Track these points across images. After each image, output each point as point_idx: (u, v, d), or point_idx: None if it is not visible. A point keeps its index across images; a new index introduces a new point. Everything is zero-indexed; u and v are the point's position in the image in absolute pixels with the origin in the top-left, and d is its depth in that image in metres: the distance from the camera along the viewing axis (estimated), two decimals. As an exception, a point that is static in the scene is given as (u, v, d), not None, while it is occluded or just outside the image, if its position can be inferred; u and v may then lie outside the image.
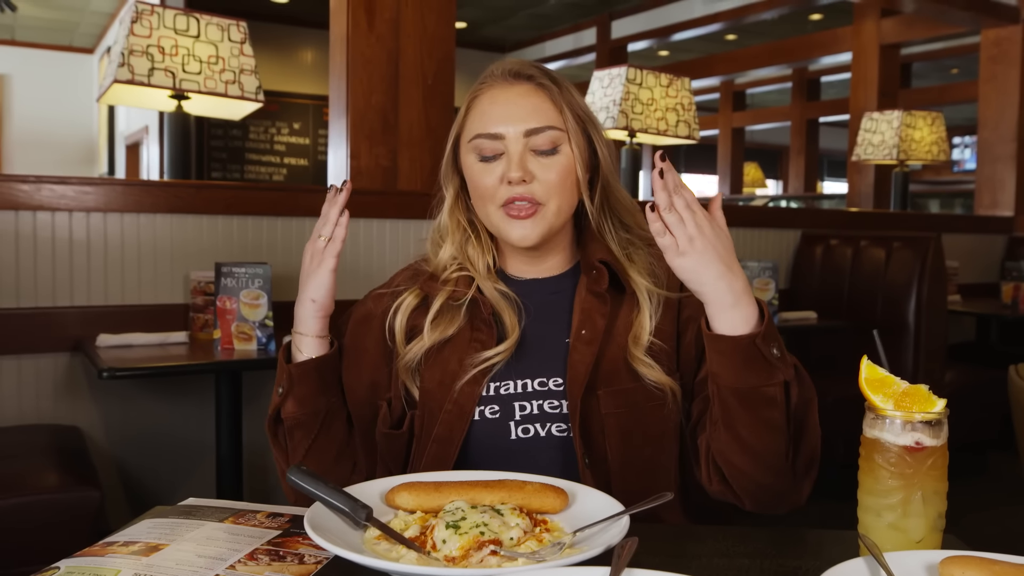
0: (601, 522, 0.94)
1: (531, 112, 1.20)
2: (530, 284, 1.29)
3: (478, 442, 1.20)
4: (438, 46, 3.24)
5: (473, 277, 1.26)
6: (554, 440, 1.19)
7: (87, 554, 0.93)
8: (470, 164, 1.23)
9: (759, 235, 4.10)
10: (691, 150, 14.10)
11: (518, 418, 1.20)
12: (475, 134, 1.21)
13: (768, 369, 1.04)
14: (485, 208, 1.23)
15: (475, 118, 1.22)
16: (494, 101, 1.21)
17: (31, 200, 2.46)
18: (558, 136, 1.20)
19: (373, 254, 2.98)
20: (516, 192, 1.18)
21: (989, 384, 3.98)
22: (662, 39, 8.26)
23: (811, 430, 1.11)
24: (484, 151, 1.20)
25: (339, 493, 0.94)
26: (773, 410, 1.05)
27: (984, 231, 5.16)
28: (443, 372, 1.23)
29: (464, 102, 1.26)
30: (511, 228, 1.20)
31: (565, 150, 1.20)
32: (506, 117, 1.19)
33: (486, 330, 1.23)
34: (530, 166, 1.19)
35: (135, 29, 2.64)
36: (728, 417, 1.08)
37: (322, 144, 8.88)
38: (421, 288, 1.28)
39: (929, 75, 10.71)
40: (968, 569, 0.83)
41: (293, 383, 1.20)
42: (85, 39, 9.70)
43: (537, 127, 1.19)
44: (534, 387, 1.21)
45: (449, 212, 1.30)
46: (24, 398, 2.50)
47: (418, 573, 0.83)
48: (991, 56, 5.44)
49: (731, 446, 1.10)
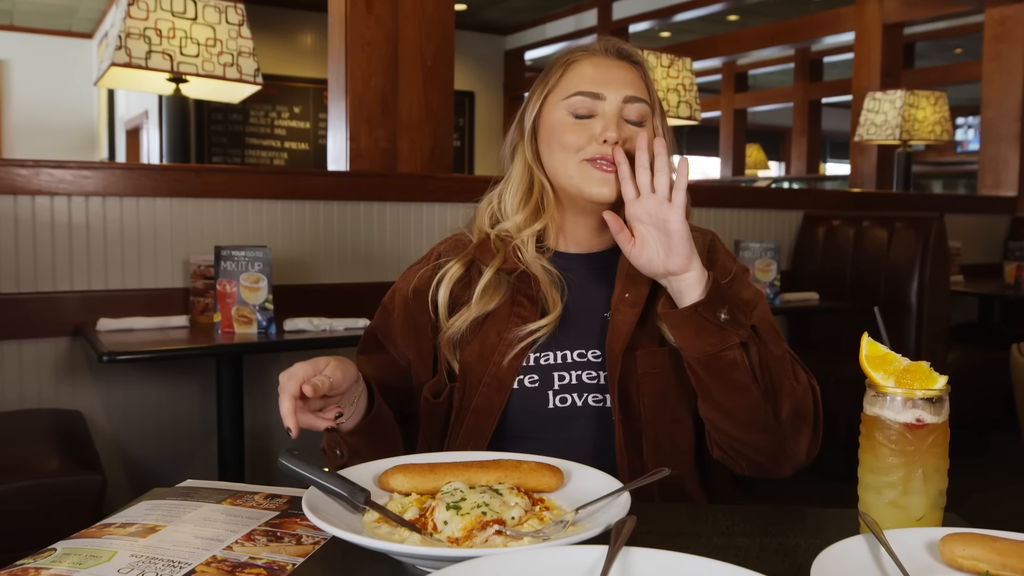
0: (602, 499, 0.93)
1: (629, 83, 1.27)
2: (575, 259, 1.33)
3: (516, 410, 1.23)
4: (437, 28, 3.22)
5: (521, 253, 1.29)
6: (590, 410, 1.23)
7: (84, 536, 0.92)
8: (559, 119, 1.27)
9: (761, 216, 4.08)
10: (693, 132, 14.05)
11: (556, 388, 1.23)
12: (575, 91, 1.25)
13: (720, 334, 1.11)
14: (566, 162, 1.25)
15: (574, 78, 1.27)
16: (598, 66, 1.27)
17: (30, 184, 2.45)
18: (647, 111, 1.27)
19: (373, 237, 2.97)
20: (605, 151, 1.22)
21: (992, 364, 3.97)
22: (663, 20, 8.20)
23: (786, 384, 1.15)
24: (579, 109, 1.25)
25: (335, 477, 0.94)
26: (736, 372, 1.11)
27: (987, 211, 5.14)
28: (483, 345, 1.26)
29: (555, 68, 1.30)
30: (592, 181, 1.23)
31: (648, 125, 1.27)
32: (607, 82, 1.26)
33: (529, 305, 1.26)
34: (623, 130, 1.24)
35: (132, 12, 2.62)
36: (700, 385, 1.16)
37: (323, 128, 8.84)
38: (472, 254, 1.31)
39: (932, 55, 10.64)
40: (969, 546, 0.82)
41: (350, 447, 1.21)
42: (84, 24, 9.66)
43: (635, 95, 1.26)
44: (573, 358, 1.25)
45: (526, 171, 1.32)
46: (25, 383, 2.50)
47: (423, 554, 0.82)
48: (995, 35, 5.39)
49: (711, 412, 1.17)
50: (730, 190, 4.65)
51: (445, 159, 3.25)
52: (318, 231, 2.87)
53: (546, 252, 1.31)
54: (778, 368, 1.15)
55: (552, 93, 1.29)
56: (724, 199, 4.01)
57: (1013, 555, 0.81)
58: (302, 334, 2.43)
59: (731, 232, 3.95)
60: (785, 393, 1.15)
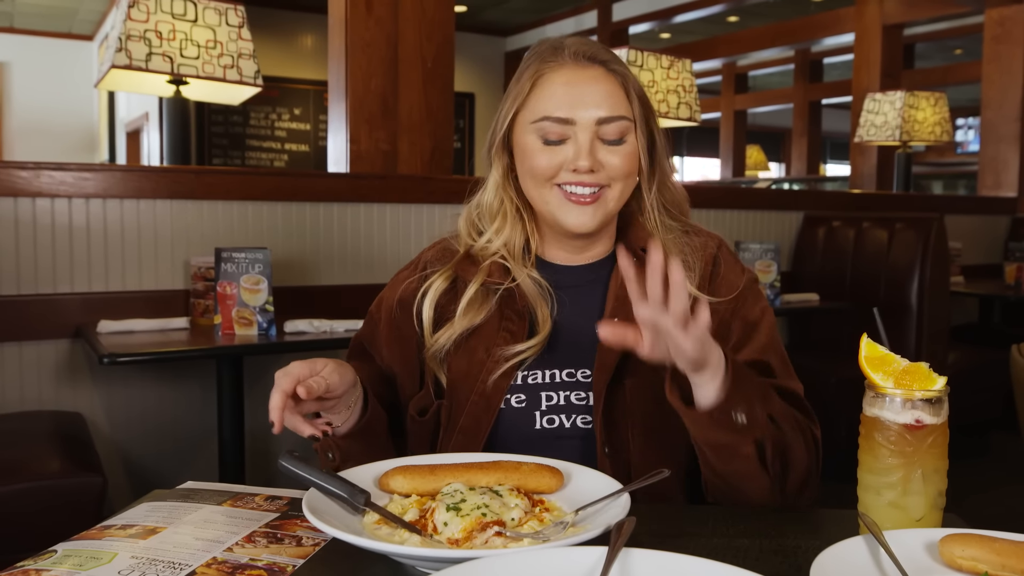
0: (602, 500, 0.93)
1: (603, 99, 1.15)
2: (566, 270, 1.26)
3: (503, 430, 1.19)
4: (437, 29, 3.22)
5: (508, 264, 1.22)
6: (578, 431, 1.18)
7: (84, 537, 0.93)
8: (529, 144, 1.18)
9: (761, 217, 4.09)
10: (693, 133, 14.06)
11: (544, 408, 1.18)
12: (542, 116, 1.16)
13: (735, 435, 1.01)
14: (540, 190, 1.18)
15: (542, 98, 1.17)
16: (566, 83, 1.16)
17: (30, 187, 2.45)
18: (626, 127, 1.17)
19: (373, 239, 2.97)
20: (580, 179, 1.15)
21: (992, 365, 3.97)
22: (663, 21, 8.21)
23: (798, 461, 1.08)
24: (549, 134, 1.16)
25: (334, 479, 0.94)
26: (747, 463, 1.04)
27: (987, 212, 5.14)
28: (470, 362, 1.21)
29: (525, 78, 1.19)
30: (569, 213, 1.17)
31: (631, 140, 1.18)
32: (578, 103, 1.15)
33: (517, 321, 1.21)
34: (598, 154, 1.15)
35: (132, 14, 2.63)
36: (704, 459, 1.07)
37: (323, 130, 8.84)
38: (455, 270, 1.25)
39: (932, 56, 10.65)
40: (968, 547, 0.82)
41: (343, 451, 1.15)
42: (84, 26, 9.67)
43: (609, 116, 1.15)
44: (562, 378, 1.20)
45: (496, 190, 1.25)
46: (26, 384, 2.50)
47: (423, 555, 0.82)
48: (995, 36, 5.40)
49: (713, 478, 1.09)
50: (730, 191, 4.65)
51: (445, 161, 3.25)
52: (318, 233, 2.87)
53: (531, 258, 1.25)
54: (794, 449, 1.07)
55: (521, 112, 1.19)
56: (724, 200, 4.01)
57: (1012, 556, 0.81)
58: (302, 336, 2.43)
59: (731, 233, 3.95)
60: (793, 467, 1.08)
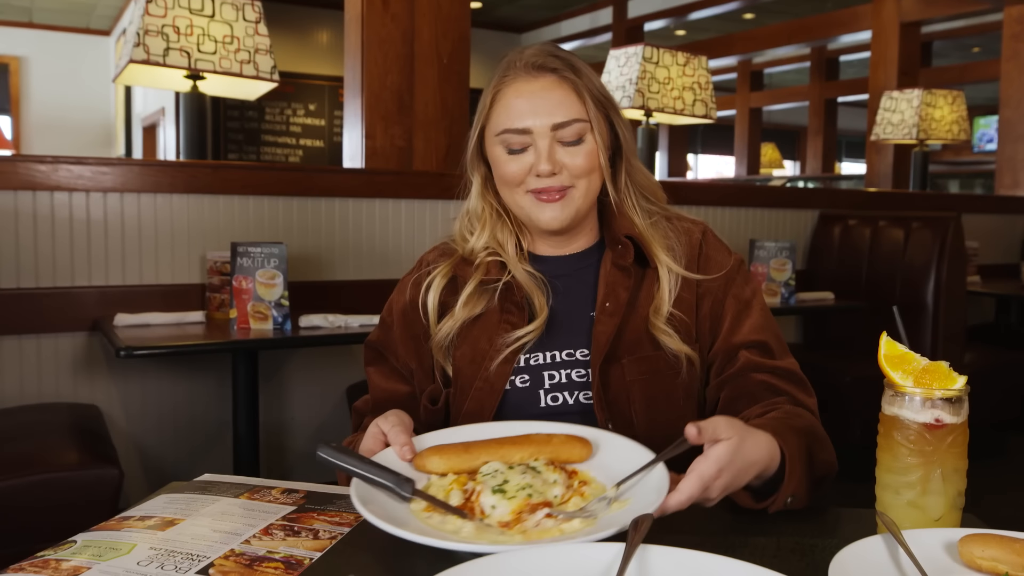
0: (639, 472, 0.94)
1: (556, 106, 1.22)
2: (557, 260, 1.33)
3: (509, 410, 1.25)
4: (453, 26, 3.22)
5: (504, 261, 1.30)
6: (581, 407, 1.24)
7: (103, 528, 0.93)
8: (497, 155, 1.26)
9: (777, 215, 4.07)
10: (708, 130, 14.00)
11: (547, 387, 1.25)
12: (502, 129, 1.24)
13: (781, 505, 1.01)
14: (513, 195, 1.27)
15: (500, 113, 1.25)
16: (519, 95, 1.23)
17: (48, 180, 2.47)
18: (582, 127, 1.23)
19: (389, 234, 2.98)
20: (545, 183, 1.23)
21: (1009, 365, 3.95)
22: (679, 18, 8.18)
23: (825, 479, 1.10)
24: (512, 144, 1.24)
25: (378, 467, 0.94)
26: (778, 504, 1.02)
27: (1005, 211, 5.10)
28: (474, 350, 1.27)
29: (487, 93, 1.27)
30: (541, 211, 1.25)
31: (589, 139, 1.24)
32: (532, 112, 1.22)
33: (517, 312, 1.27)
34: (558, 156, 1.23)
35: (150, 9, 2.64)
36: None
37: (338, 125, 8.86)
38: (453, 269, 1.32)
39: (950, 54, 10.57)
40: (988, 547, 0.82)
41: None
42: (102, 21, 9.71)
43: (563, 121, 1.22)
44: (562, 357, 1.26)
45: (478, 197, 1.34)
46: (43, 377, 2.52)
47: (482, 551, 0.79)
48: (1014, 34, 5.36)
49: None
50: (745, 189, 4.63)
51: (461, 157, 3.25)
52: (333, 228, 2.88)
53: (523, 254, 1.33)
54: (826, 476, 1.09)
55: (487, 127, 1.28)
56: (739, 198, 4.00)
57: (1033, 556, 0.80)
58: (317, 330, 2.44)
59: (746, 231, 3.94)
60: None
